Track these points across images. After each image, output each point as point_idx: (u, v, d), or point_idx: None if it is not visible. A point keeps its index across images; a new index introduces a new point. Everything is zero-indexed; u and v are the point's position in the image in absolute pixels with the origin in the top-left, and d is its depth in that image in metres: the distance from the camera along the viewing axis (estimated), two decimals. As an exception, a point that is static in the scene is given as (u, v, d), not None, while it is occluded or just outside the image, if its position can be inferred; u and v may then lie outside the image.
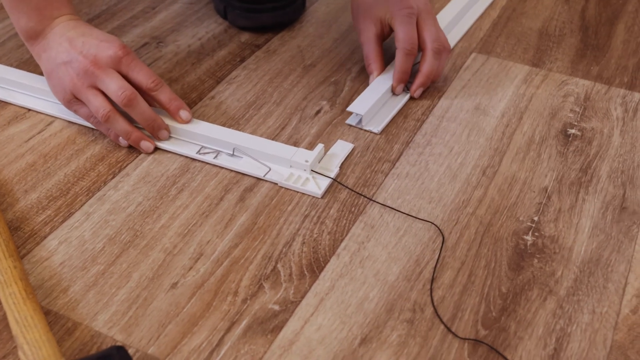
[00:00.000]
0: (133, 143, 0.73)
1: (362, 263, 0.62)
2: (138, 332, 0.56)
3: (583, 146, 0.77)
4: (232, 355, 0.54)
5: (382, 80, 0.82)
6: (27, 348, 0.52)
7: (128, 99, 0.70)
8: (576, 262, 0.63)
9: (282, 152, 0.71)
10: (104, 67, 0.71)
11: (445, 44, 0.82)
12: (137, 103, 0.71)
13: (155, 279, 0.61)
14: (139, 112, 0.71)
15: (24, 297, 0.55)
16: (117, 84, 0.70)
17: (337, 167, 0.71)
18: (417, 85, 0.82)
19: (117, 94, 0.70)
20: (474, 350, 0.55)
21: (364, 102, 0.78)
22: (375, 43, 0.84)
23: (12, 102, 0.81)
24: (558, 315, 0.58)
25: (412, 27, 0.80)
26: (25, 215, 0.67)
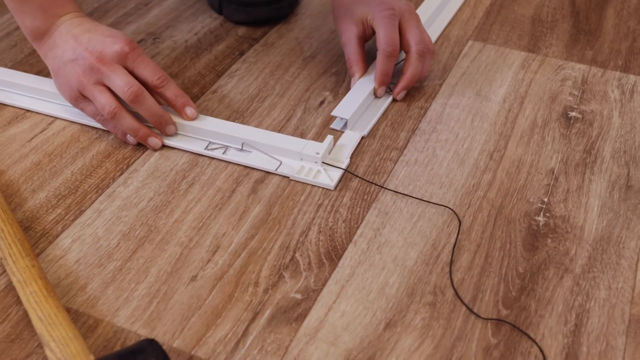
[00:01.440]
0: (141, 140, 0.72)
1: (379, 249, 0.63)
2: (161, 326, 0.56)
3: (585, 128, 0.78)
4: (258, 344, 0.54)
5: (365, 83, 0.80)
6: (55, 345, 0.51)
7: (135, 94, 0.69)
8: (588, 240, 0.64)
9: (292, 145, 0.71)
10: (110, 62, 0.70)
11: (429, 45, 0.80)
12: (143, 98, 0.70)
13: (174, 272, 0.60)
14: (146, 108, 0.71)
15: (45, 295, 0.55)
16: (123, 80, 0.69)
17: (347, 158, 0.72)
18: (400, 88, 0.80)
19: (124, 90, 0.69)
20: (497, 330, 0.56)
21: (348, 106, 0.77)
22: (356, 44, 0.82)
23: (9, 104, 0.80)
24: (575, 292, 0.59)
25: (393, 28, 0.78)
26: (35, 215, 0.66)
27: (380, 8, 0.79)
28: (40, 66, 0.87)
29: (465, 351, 0.54)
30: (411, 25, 0.80)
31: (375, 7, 0.80)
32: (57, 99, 0.78)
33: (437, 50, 0.92)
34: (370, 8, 0.80)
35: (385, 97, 0.81)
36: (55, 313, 0.53)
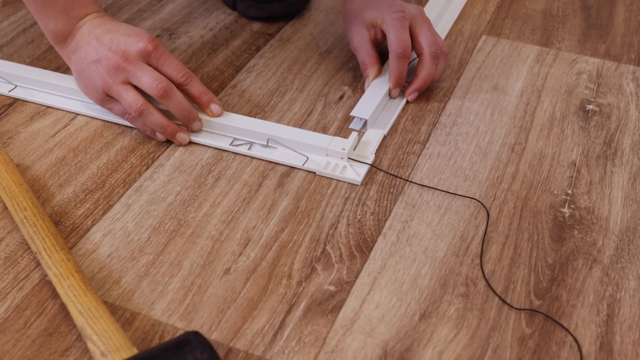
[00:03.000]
0: (169, 136, 0.72)
1: (409, 241, 0.63)
2: (198, 319, 0.56)
3: (603, 121, 0.79)
4: (295, 336, 0.55)
5: (380, 83, 0.80)
6: (97, 338, 0.51)
7: (164, 90, 0.69)
8: (614, 231, 0.65)
9: (318, 141, 0.71)
10: (134, 61, 0.70)
11: (442, 48, 0.81)
12: (172, 94, 0.70)
13: (207, 266, 0.61)
14: (175, 104, 0.71)
15: (83, 288, 0.55)
16: (151, 77, 0.69)
17: (372, 154, 0.72)
18: (412, 90, 0.80)
19: (152, 86, 0.69)
20: (530, 320, 0.57)
21: (366, 106, 0.77)
22: (370, 46, 0.82)
23: (31, 101, 0.80)
24: (605, 282, 0.60)
25: (404, 30, 0.78)
26: (64, 210, 0.66)
27: (390, 11, 0.79)
28: (59, 62, 0.87)
29: (500, 341, 0.55)
30: (423, 28, 0.80)
31: (385, 11, 0.79)
32: (78, 95, 0.78)
33: (452, 45, 0.93)
34: (380, 12, 0.80)
35: (400, 97, 0.81)
36: (95, 306, 0.54)
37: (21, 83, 0.82)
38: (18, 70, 0.82)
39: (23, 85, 0.82)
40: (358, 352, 0.54)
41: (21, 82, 0.82)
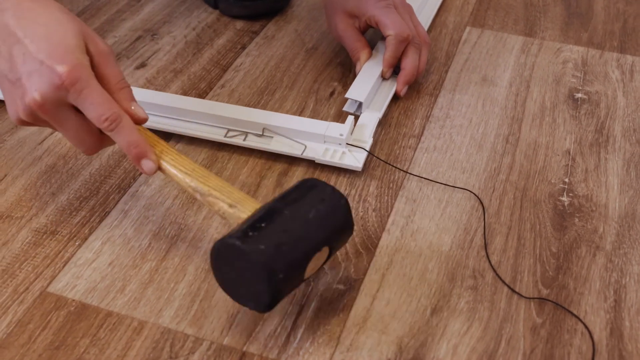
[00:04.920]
0: (135, 158, 0.57)
1: (413, 236, 0.63)
2: (208, 325, 0.55)
3: (592, 109, 0.80)
4: (309, 337, 0.54)
5: (372, 66, 0.80)
6: (218, 193, 0.53)
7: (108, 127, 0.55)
8: (614, 217, 0.65)
9: (314, 128, 0.70)
10: (50, 109, 0.54)
11: (425, 38, 0.81)
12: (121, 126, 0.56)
13: (212, 270, 0.60)
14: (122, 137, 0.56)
15: (180, 155, 0.57)
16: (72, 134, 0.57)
17: (370, 137, 0.71)
18: (402, 84, 0.79)
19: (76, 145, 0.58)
20: (540, 309, 0.57)
21: (361, 88, 0.76)
22: (356, 32, 0.82)
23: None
24: (610, 269, 0.60)
25: (397, 16, 0.78)
26: (59, 218, 0.64)
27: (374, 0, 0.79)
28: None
29: (513, 332, 0.55)
30: (405, 19, 0.80)
31: (370, 1, 0.79)
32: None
33: (437, 37, 0.93)
34: (363, 3, 0.80)
35: (392, 79, 0.81)
36: (197, 168, 0.56)
37: None
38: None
39: None
40: (373, 349, 0.53)
41: None
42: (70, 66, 0.53)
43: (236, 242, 0.48)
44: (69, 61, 0.53)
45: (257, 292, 0.49)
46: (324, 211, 0.51)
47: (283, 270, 0.48)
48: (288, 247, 0.49)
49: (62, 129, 0.57)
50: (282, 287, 0.49)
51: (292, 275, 0.49)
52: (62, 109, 0.55)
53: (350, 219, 0.53)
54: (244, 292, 0.50)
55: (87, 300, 0.57)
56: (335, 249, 0.53)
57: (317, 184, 0.53)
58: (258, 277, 0.48)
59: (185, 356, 0.53)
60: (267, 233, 0.49)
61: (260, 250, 0.47)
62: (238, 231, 0.49)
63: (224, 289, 0.52)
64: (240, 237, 0.48)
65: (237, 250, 0.48)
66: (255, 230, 0.49)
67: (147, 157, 0.56)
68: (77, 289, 0.58)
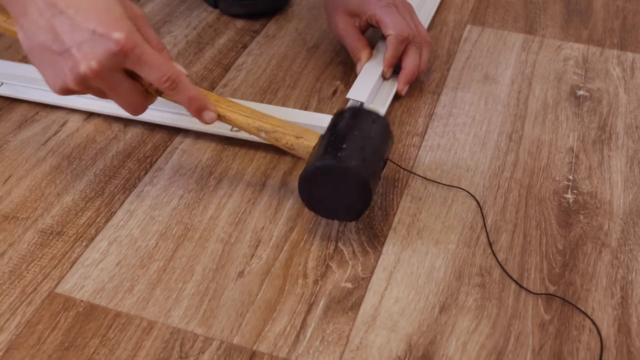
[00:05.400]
0: (196, 112, 0.60)
1: (419, 234, 0.63)
2: (217, 324, 0.55)
3: (594, 106, 0.80)
4: (318, 336, 0.54)
5: (372, 66, 0.80)
6: (282, 129, 0.60)
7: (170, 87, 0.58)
8: (619, 214, 0.66)
9: (322, 122, 0.70)
10: (106, 74, 0.56)
11: (425, 37, 0.81)
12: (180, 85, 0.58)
13: (220, 269, 0.60)
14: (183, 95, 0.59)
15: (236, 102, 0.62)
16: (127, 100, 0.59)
17: None
18: (403, 83, 0.79)
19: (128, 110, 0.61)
20: (548, 306, 0.57)
21: (362, 89, 0.76)
22: (356, 32, 0.82)
23: (21, 98, 0.78)
24: (616, 265, 0.61)
25: (398, 15, 0.78)
26: (65, 219, 0.64)
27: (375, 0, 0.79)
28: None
29: (522, 328, 0.55)
30: (406, 18, 0.80)
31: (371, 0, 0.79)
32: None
33: (438, 36, 0.93)
34: (364, 2, 0.79)
35: (393, 78, 0.81)
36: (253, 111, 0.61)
37: (9, 80, 0.79)
38: (5, 68, 0.79)
39: (10, 82, 0.79)
40: (383, 348, 0.54)
41: (9, 80, 0.79)
42: (126, 33, 0.54)
43: (333, 162, 0.56)
44: (123, 28, 0.54)
45: (351, 204, 0.58)
46: (379, 130, 0.61)
47: (373, 180, 0.57)
48: (370, 160, 0.58)
49: (115, 94, 0.58)
50: (372, 195, 0.57)
51: (376, 183, 0.59)
52: (117, 75, 0.57)
53: (392, 134, 0.63)
54: (338, 207, 0.59)
55: (96, 301, 0.57)
56: (388, 158, 0.63)
57: (360, 109, 0.62)
58: (355, 189, 0.57)
59: (196, 356, 0.53)
60: (352, 151, 0.57)
61: (355, 166, 0.56)
62: (326, 154, 0.57)
63: (315, 209, 0.60)
64: (333, 158, 0.56)
65: (334, 168, 0.56)
66: (341, 151, 0.57)
67: (208, 108, 0.61)
68: (85, 290, 0.58)
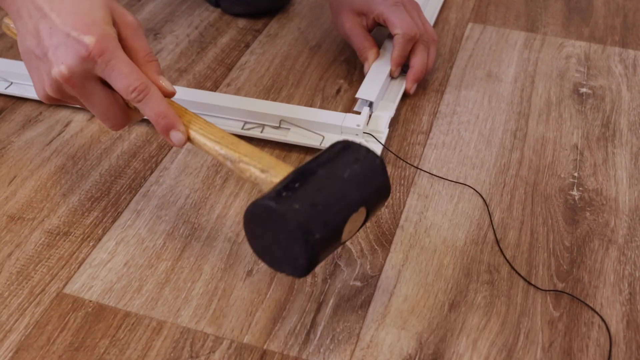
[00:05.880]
0: (163, 130, 0.55)
1: (427, 232, 0.63)
2: (227, 324, 0.55)
3: (597, 103, 0.80)
4: (329, 334, 0.54)
5: (380, 65, 0.80)
6: (248, 159, 0.52)
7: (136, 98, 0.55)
8: (624, 211, 0.66)
9: (331, 119, 0.71)
10: (77, 82, 0.54)
11: (432, 35, 0.81)
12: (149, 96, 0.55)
13: (228, 268, 0.60)
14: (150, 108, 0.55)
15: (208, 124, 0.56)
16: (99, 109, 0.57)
17: (385, 127, 0.72)
18: (411, 82, 0.79)
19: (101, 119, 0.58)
20: (557, 303, 0.57)
21: (371, 88, 0.76)
22: (363, 31, 0.82)
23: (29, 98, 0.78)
24: (623, 262, 0.61)
25: (406, 14, 0.78)
26: (71, 219, 0.64)
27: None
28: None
29: (531, 325, 0.55)
30: (413, 16, 0.80)
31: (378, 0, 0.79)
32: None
33: (440, 34, 0.93)
34: (371, 1, 0.80)
35: (401, 77, 0.81)
36: (226, 136, 0.54)
37: (17, 80, 0.79)
38: (13, 67, 0.79)
39: (19, 82, 0.79)
40: (393, 345, 0.54)
41: (17, 79, 0.79)
42: (97, 37, 0.52)
43: (270, 203, 0.46)
44: (95, 32, 0.53)
45: (293, 256, 0.47)
46: (359, 170, 0.50)
47: (320, 229, 0.46)
48: (323, 206, 0.47)
49: (90, 103, 0.56)
50: (319, 248, 0.47)
51: (329, 235, 0.47)
52: (90, 82, 0.55)
53: (387, 179, 0.51)
54: (281, 256, 0.48)
55: (104, 301, 0.57)
56: (372, 211, 0.51)
57: (350, 145, 0.52)
58: (294, 238, 0.46)
59: (206, 355, 0.53)
60: (301, 193, 0.47)
61: (295, 209, 0.46)
62: (271, 192, 0.47)
63: (259, 255, 0.50)
64: (273, 198, 0.46)
65: (271, 211, 0.46)
66: (289, 190, 0.47)
67: (176, 128, 0.55)
68: (93, 290, 0.58)
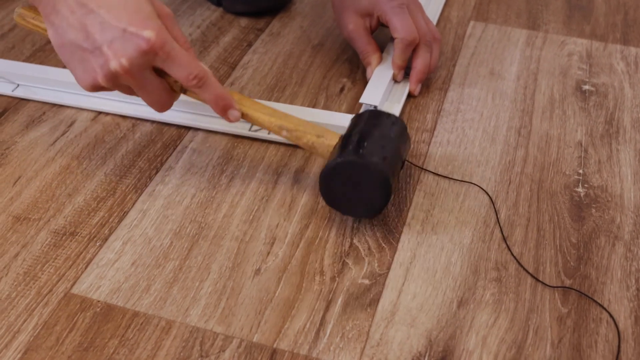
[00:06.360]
0: (222, 110, 0.63)
1: (434, 230, 0.63)
2: (236, 322, 0.55)
3: (600, 100, 0.80)
4: (338, 332, 0.54)
5: (383, 70, 0.80)
6: (303, 127, 0.62)
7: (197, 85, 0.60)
8: (630, 207, 0.66)
9: (337, 121, 0.71)
10: (136, 73, 0.57)
11: (435, 34, 0.81)
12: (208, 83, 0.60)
13: (236, 267, 0.60)
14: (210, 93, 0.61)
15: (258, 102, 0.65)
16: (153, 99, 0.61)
17: None
18: (415, 82, 0.79)
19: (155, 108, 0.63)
20: (565, 299, 0.57)
21: (375, 92, 0.76)
22: (366, 34, 0.81)
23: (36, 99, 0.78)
24: (630, 258, 0.61)
25: (408, 17, 0.78)
26: (77, 219, 0.64)
27: None
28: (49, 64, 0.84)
29: (540, 322, 0.55)
30: (417, 17, 0.80)
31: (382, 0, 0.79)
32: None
33: (442, 32, 0.93)
34: (376, 1, 0.80)
35: (404, 82, 0.81)
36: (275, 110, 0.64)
37: (24, 82, 0.79)
38: (19, 69, 0.79)
39: (26, 84, 0.79)
40: (403, 343, 0.54)
41: (23, 81, 0.79)
42: (156, 31, 0.56)
43: (355, 158, 0.58)
44: (153, 26, 0.56)
45: (370, 200, 0.60)
46: (398, 131, 0.63)
47: (392, 176, 0.59)
48: (390, 159, 0.59)
49: (143, 91, 0.60)
50: (392, 192, 0.59)
51: (395, 180, 0.60)
52: (146, 73, 0.59)
53: (409, 137, 0.66)
54: (357, 202, 0.60)
55: (113, 301, 0.57)
56: (405, 161, 0.65)
57: (379, 113, 0.64)
58: (375, 185, 0.58)
59: (216, 354, 0.53)
60: (372, 149, 0.59)
61: (375, 162, 0.58)
62: (348, 151, 0.58)
63: (333, 206, 0.61)
64: (355, 154, 0.58)
65: (355, 164, 0.58)
66: (363, 148, 0.58)
67: (233, 107, 0.63)
68: (101, 290, 0.57)
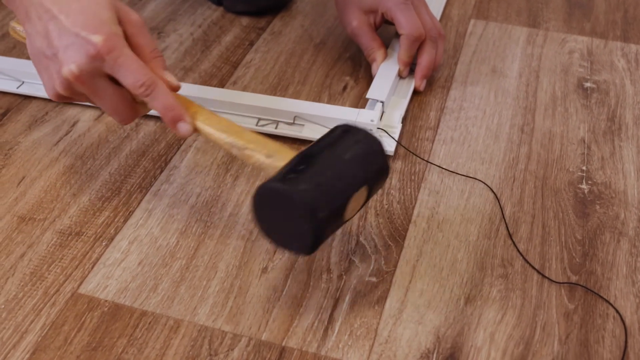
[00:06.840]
0: (171, 122, 0.58)
1: (440, 227, 0.63)
2: (245, 321, 0.55)
3: (602, 97, 0.81)
4: (347, 330, 0.54)
5: (388, 66, 0.80)
6: (254, 146, 0.54)
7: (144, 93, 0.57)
8: (633, 203, 0.66)
9: (346, 115, 0.71)
10: (87, 79, 0.56)
11: (440, 31, 0.81)
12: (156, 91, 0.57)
13: (243, 266, 0.60)
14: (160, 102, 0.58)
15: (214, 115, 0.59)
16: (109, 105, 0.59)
17: (399, 122, 0.72)
18: (420, 79, 0.80)
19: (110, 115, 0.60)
20: (571, 295, 0.58)
21: (381, 88, 0.76)
22: (371, 30, 0.82)
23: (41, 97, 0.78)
24: (634, 254, 0.61)
25: (413, 14, 0.78)
26: (82, 219, 0.64)
27: None
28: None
29: (547, 318, 0.56)
30: (422, 13, 0.80)
31: None
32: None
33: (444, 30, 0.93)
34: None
35: (409, 78, 0.81)
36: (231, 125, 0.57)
37: (28, 79, 0.79)
38: (24, 67, 0.79)
39: (30, 81, 0.79)
40: (412, 340, 0.54)
41: (28, 78, 0.79)
42: (105, 36, 0.55)
43: (277, 185, 0.49)
44: (103, 31, 0.55)
45: (300, 234, 0.50)
46: (360, 152, 0.53)
47: (324, 208, 0.49)
48: (327, 186, 0.50)
49: (99, 100, 0.59)
50: (324, 226, 0.50)
51: (333, 214, 0.50)
52: (98, 80, 0.57)
53: (386, 160, 0.55)
54: (287, 235, 0.52)
55: (120, 301, 0.56)
56: (373, 190, 0.54)
57: (350, 128, 0.54)
58: (300, 217, 0.49)
59: (225, 353, 0.53)
60: (306, 175, 0.50)
61: (301, 190, 0.48)
62: (278, 175, 0.50)
63: (267, 235, 0.53)
64: (280, 180, 0.49)
65: (278, 192, 0.49)
66: (294, 173, 0.50)
67: (183, 119, 0.58)
68: (108, 290, 0.57)
